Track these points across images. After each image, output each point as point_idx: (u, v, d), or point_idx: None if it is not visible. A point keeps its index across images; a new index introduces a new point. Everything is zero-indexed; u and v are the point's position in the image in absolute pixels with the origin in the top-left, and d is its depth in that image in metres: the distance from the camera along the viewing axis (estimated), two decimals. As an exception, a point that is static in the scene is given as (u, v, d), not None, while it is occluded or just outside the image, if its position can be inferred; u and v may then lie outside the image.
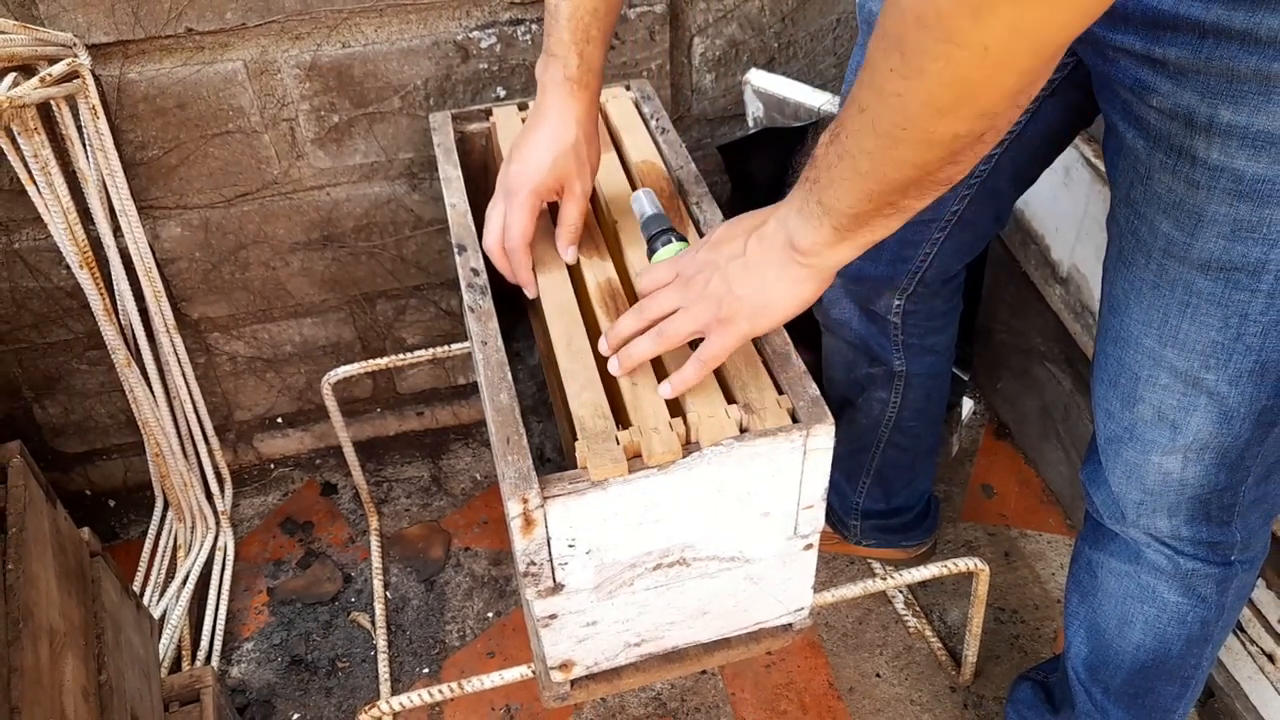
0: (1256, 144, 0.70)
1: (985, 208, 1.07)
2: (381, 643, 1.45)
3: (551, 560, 0.85)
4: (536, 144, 0.93)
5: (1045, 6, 0.51)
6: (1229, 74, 0.68)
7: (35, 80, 1.13)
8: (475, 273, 1.01)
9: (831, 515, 1.46)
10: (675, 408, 0.86)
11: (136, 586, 1.49)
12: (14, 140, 1.16)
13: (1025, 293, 1.52)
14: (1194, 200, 0.75)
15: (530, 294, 0.98)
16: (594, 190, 1.09)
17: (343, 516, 1.65)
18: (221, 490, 1.63)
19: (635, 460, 0.82)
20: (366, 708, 1.08)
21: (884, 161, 0.64)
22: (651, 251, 0.92)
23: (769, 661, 1.42)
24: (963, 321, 1.28)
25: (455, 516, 1.64)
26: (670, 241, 0.91)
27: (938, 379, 1.30)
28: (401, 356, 1.42)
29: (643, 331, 0.84)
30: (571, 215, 0.98)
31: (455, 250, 1.03)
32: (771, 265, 0.76)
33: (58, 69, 1.16)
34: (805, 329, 1.18)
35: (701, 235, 1.04)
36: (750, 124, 1.50)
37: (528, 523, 0.81)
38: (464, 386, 1.73)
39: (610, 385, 0.88)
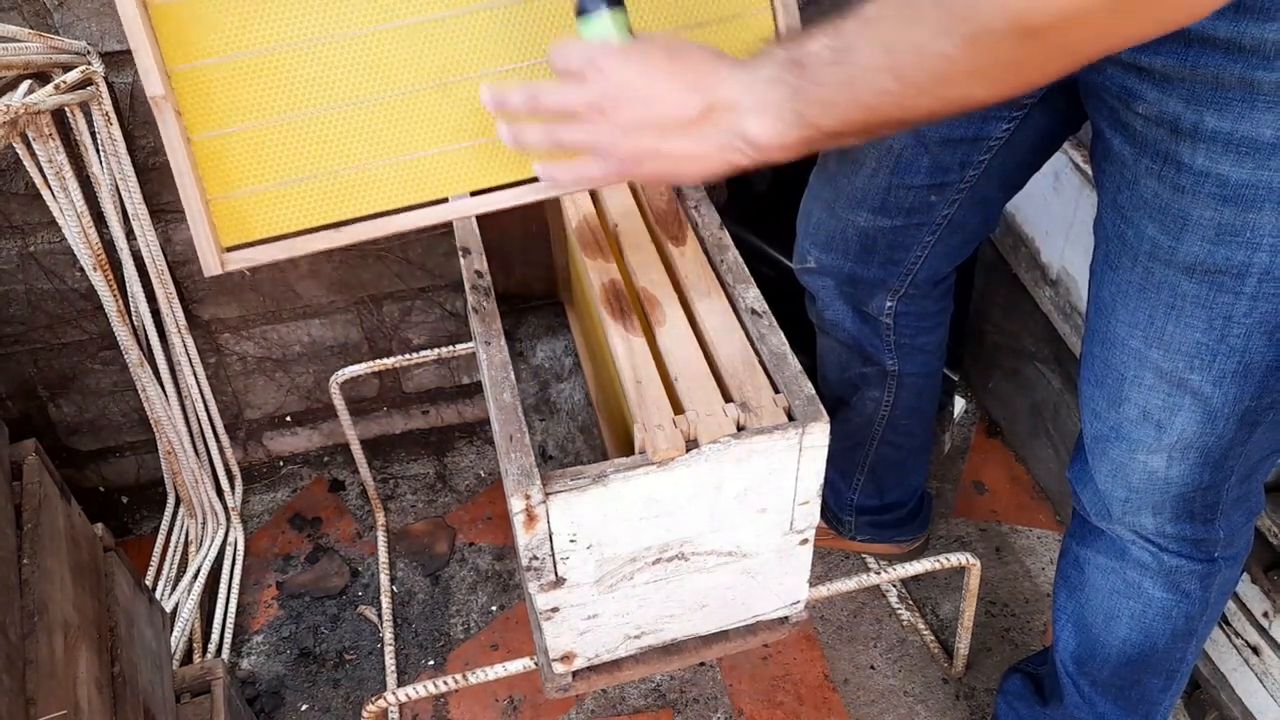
0: (1241, 149, 0.71)
1: (975, 211, 1.08)
2: (388, 635, 1.46)
3: (553, 555, 0.87)
4: None
5: None
6: (1214, 81, 0.69)
7: (50, 87, 1.14)
8: (479, 274, 1.02)
9: (827, 511, 1.47)
10: (675, 406, 0.87)
11: (149, 581, 1.51)
12: (29, 146, 1.17)
13: (1016, 294, 1.53)
14: (1179, 205, 0.76)
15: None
16: (594, 192, 1.11)
17: (350, 512, 1.67)
18: (232, 487, 1.65)
19: (640, 455, 0.84)
20: (373, 699, 1.09)
21: (898, 106, 0.62)
22: (581, 10, 0.75)
23: (766, 654, 1.43)
24: (953, 322, 1.28)
25: (460, 512, 1.66)
26: (602, 6, 0.75)
27: (929, 378, 1.30)
28: (407, 356, 1.43)
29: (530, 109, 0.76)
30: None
31: (460, 253, 1.04)
32: (712, 144, 0.71)
33: (72, 76, 1.17)
34: (799, 332, 1.20)
35: (698, 236, 1.06)
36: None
37: (530, 518, 0.83)
38: (468, 386, 1.74)
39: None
